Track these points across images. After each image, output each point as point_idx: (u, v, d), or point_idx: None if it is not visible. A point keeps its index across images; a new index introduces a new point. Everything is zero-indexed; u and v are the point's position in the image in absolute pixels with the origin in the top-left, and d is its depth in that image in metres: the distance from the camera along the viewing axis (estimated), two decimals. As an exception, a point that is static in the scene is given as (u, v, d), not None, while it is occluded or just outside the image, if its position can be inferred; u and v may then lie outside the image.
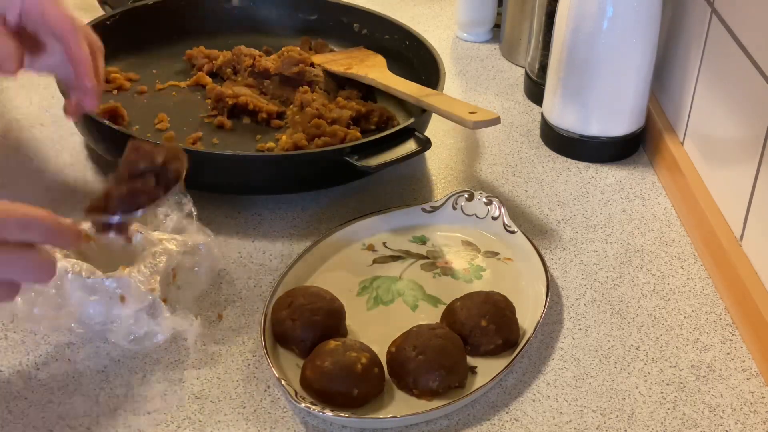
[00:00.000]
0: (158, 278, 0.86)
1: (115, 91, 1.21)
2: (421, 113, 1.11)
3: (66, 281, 0.84)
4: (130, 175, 0.80)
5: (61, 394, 0.83)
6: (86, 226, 0.79)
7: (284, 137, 1.11)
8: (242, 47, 1.27)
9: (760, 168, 0.93)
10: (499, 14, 1.45)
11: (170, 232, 0.92)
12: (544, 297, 0.92)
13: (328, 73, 1.23)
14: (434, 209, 1.04)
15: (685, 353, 0.91)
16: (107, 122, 1.08)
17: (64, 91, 1.00)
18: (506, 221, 1.02)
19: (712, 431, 0.83)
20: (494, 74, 1.38)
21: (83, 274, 0.84)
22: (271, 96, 1.21)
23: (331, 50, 1.31)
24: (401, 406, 0.82)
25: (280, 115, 1.18)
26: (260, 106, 1.17)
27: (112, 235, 0.79)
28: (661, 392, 0.86)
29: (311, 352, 0.84)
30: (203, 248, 0.92)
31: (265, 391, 0.84)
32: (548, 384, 0.87)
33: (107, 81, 1.22)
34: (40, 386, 0.83)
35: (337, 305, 0.89)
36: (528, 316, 0.91)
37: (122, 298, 0.84)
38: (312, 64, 1.24)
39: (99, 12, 1.39)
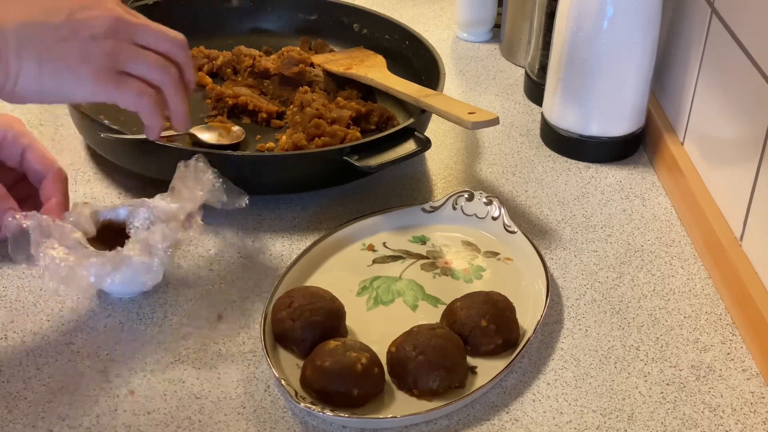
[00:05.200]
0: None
1: None
2: (421, 113, 1.11)
3: None
4: None
5: (61, 394, 0.83)
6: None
7: (284, 137, 1.11)
8: (242, 47, 1.27)
9: (760, 168, 0.93)
10: (499, 14, 1.45)
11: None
12: (544, 297, 0.92)
13: (328, 73, 1.23)
14: (434, 209, 1.04)
15: (685, 353, 0.91)
16: (107, 122, 1.08)
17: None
18: (506, 221, 1.02)
19: (712, 431, 0.83)
20: (494, 74, 1.38)
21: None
22: (271, 96, 1.22)
23: (331, 50, 1.31)
24: (401, 406, 0.82)
25: (280, 115, 1.18)
26: (260, 106, 1.17)
27: None
28: (661, 392, 0.86)
29: (311, 352, 0.84)
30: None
31: (265, 391, 0.84)
32: (548, 384, 0.87)
33: None
34: (40, 386, 0.83)
35: (337, 305, 0.89)
36: (528, 316, 0.91)
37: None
38: (312, 64, 1.24)
39: (99, 12, 1.39)
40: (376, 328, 0.91)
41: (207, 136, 1.10)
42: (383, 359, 0.85)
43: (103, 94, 0.83)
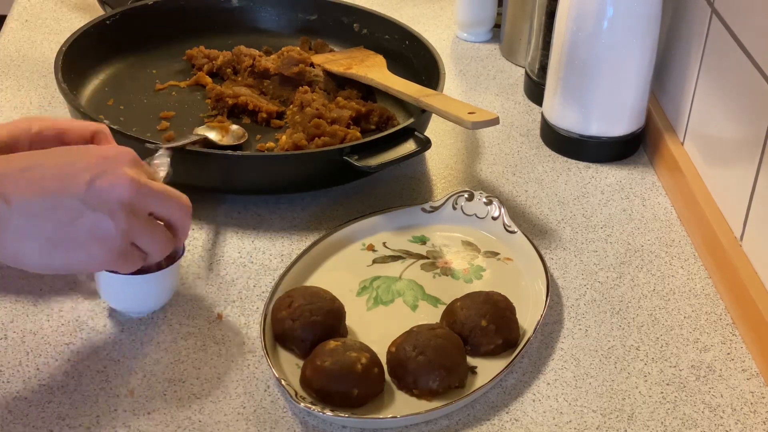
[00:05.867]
0: None
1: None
2: (421, 113, 1.11)
3: None
4: None
5: (61, 394, 0.83)
6: None
7: (284, 137, 1.11)
8: (242, 47, 1.27)
9: (760, 168, 0.93)
10: (499, 14, 1.45)
11: None
12: (544, 297, 0.92)
13: (328, 73, 1.23)
14: (434, 209, 1.04)
15: (685, 353, 0.91)
16: (107, 122, 1.08)
17: None
18: (506, 221, 1.02)
19: (712, 431, 0.83)
20: (494, 74, 1.38)
21: None
22: (271, 96, 1.22)
23: (331, 50, 1.31)
24: (401, 406, 0.82)
25: (280, 115, 1.18)
26: (260, 106, 1.17)
27: None
28: (661, 392, 0.86)
29: (311, 352, 0.84)
30: None
31: (265, 391, 0.84)
32: (548, 384, 0.87)
33: None
34: (40, 386, 0.83)
35: (337, 305, 0.89)
36: (528, 316, 0.91)
37: None
38: (312, 64, 1.24)
39: (99, 12, 1.39)
40: (376, 328, 0.91)
41: (211, 135, 1.10)
42: (383, 359, 0.85)
43: (108, 268, 0.81)
